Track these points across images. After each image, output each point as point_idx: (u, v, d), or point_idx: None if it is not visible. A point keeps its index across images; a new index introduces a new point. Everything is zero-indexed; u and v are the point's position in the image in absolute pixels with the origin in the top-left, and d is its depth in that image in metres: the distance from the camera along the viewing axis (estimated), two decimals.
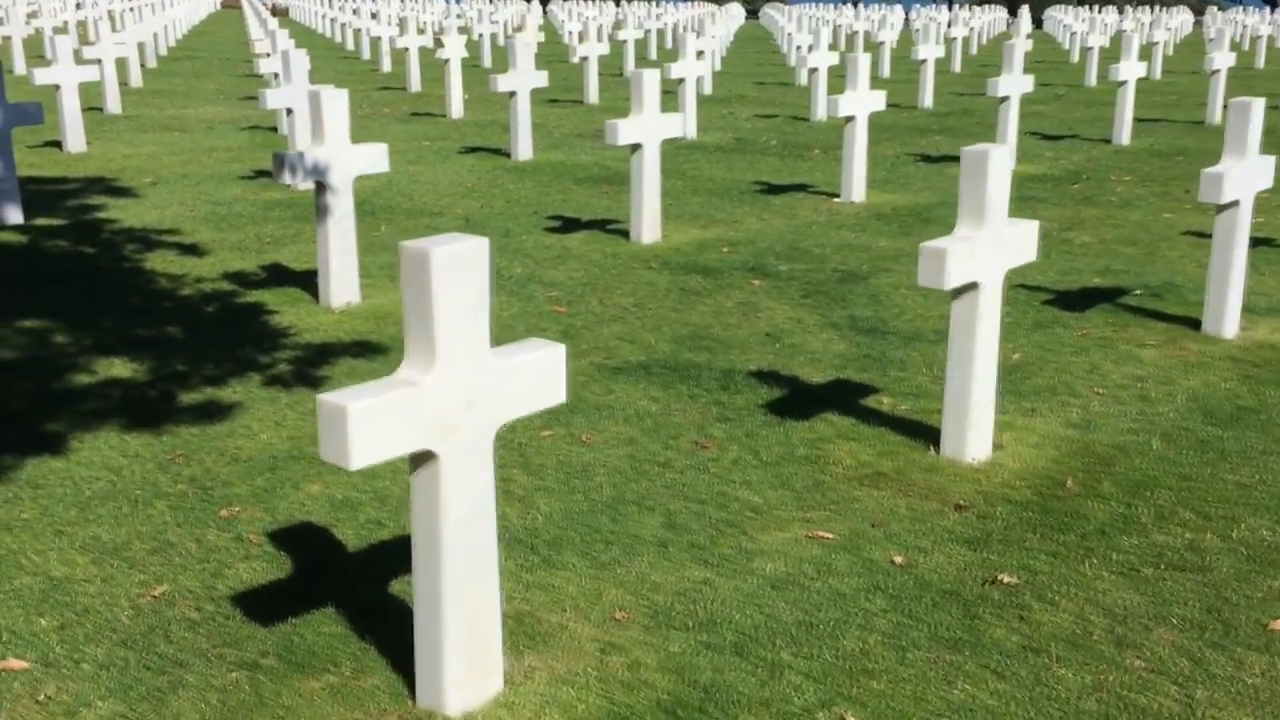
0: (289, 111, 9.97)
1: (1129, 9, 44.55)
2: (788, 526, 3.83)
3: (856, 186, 9.48)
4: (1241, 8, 51.28)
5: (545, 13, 51.84)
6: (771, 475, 4.22)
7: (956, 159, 11.87)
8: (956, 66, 24.53)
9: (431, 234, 8.31)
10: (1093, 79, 20.61)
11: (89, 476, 4.21)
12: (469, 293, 2.66)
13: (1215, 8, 55.60)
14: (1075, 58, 28.06)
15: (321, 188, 6.27)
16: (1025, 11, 27.11)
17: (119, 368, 5.38)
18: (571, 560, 3.58)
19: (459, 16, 37.29)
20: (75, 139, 12.40)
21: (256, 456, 4.41)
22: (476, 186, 10.37)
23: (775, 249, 7.85)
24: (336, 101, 6.19)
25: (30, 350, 5.62)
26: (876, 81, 20.52)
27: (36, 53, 25.78)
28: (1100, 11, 39.30)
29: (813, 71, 15.00)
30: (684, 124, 7.95)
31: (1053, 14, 44.31)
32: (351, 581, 3.47)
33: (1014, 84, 10.79)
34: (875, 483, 4.14)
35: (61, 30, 27.73)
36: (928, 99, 16.94)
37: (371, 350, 5.64)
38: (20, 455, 4.37)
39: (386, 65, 23.61)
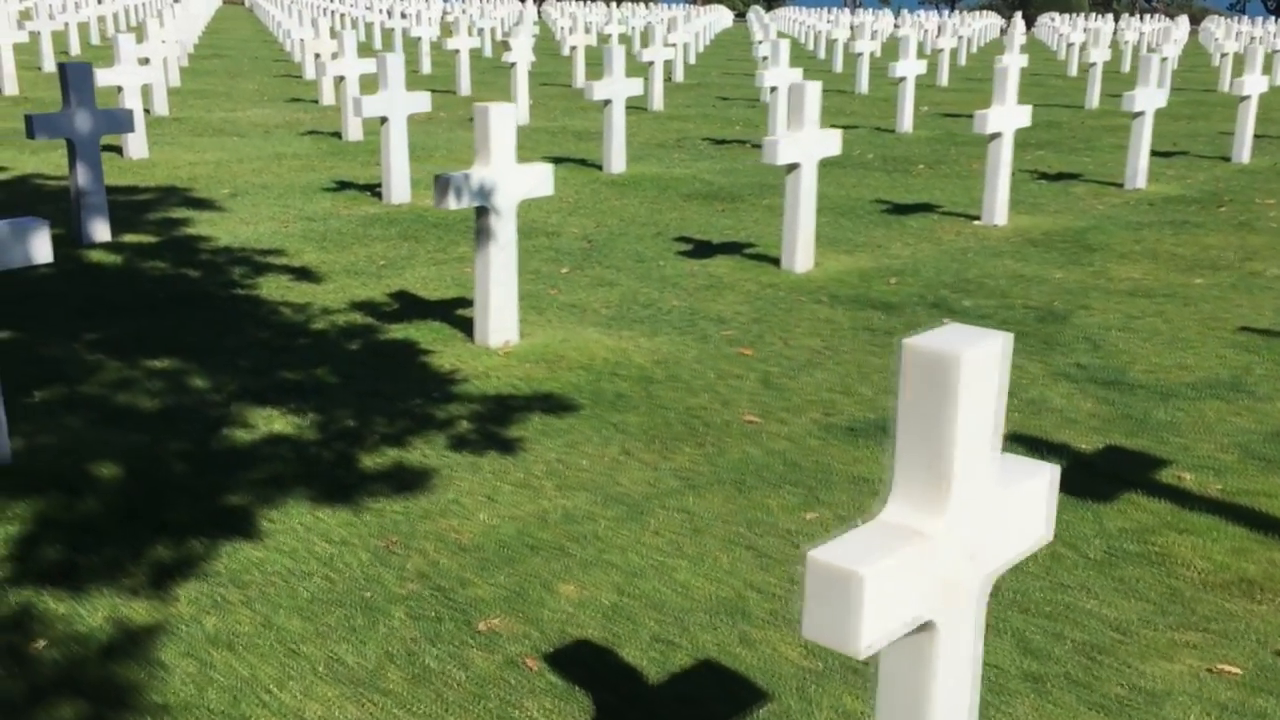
0: (384, 120, 9.27)
1: (1125, 16, 43.85)
2: (1172, 654, 3.15)
3: (1000, 208, 8.81)
4: (1243, 17, 50.63)
5: (540, 14, 51.08)
6: (1111, 580, 3.54)
7: (1073, 175, 11.23)
8: None
9: (555, 256, 7.64)
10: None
11: (299, 570, 3.53)
12: (989, 409, 1.97)
13: (1219, 15, 54.83)
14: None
15: (483, 212, 5.59)
16: (1182, 21, 26.32)
17: (278, 421, 4.70)
18: None
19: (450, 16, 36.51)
20: (138, 145, 11.72)
21: (483, 544, 3.73)
22: (579, 202, 9.69)
23: (943, 280, 7.17)
24: (504, 117, 5.52)
25: (171, 397, 4.93)
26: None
27: (61, 48, 25.09)
28: (1099, 19, 38.72)
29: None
30: (837, 140, 7.28)
31: (1045, 20, 43.61)
32: None
33: (1150, 98, 10.12)
34: (1248, 593, 3.46)
35: (119, 25, 27.04)
36: None
37: (558, 405, 4.96)
38: (208, 538, 3.69)
39: (426, 67, 22.93)
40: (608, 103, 10.91)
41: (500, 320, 5.73)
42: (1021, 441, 4.64)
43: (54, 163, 11.09)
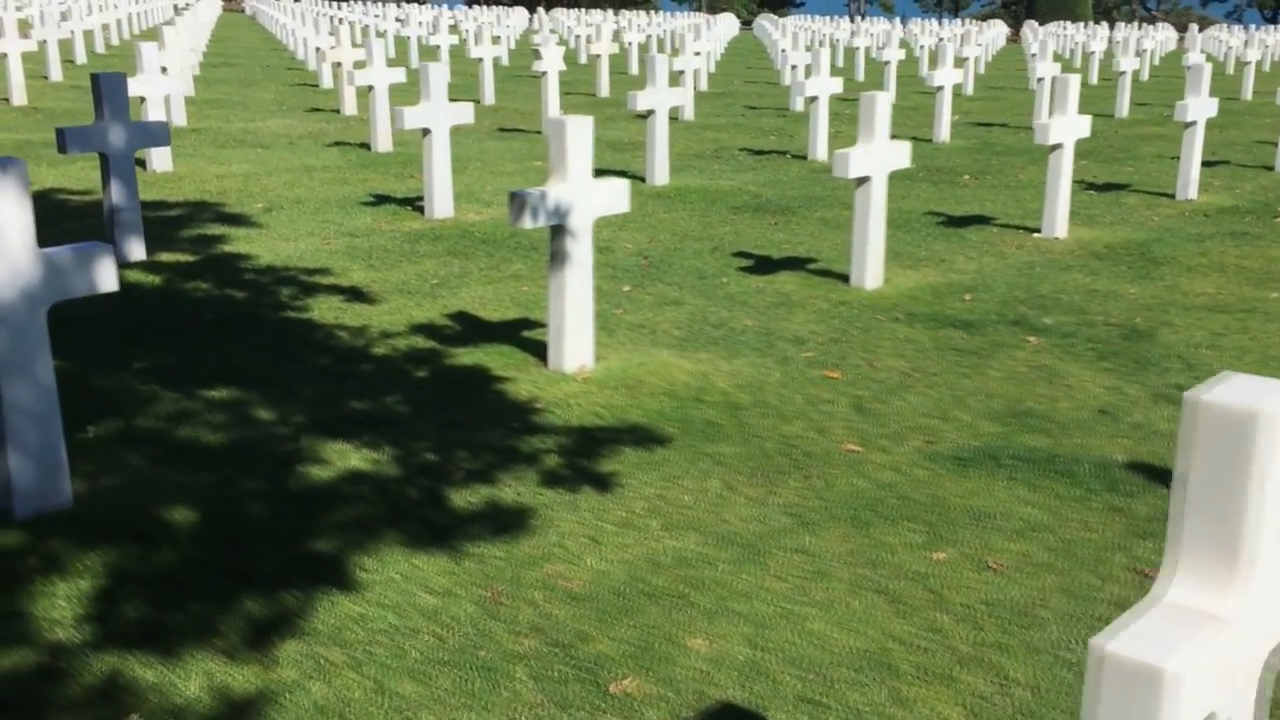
0: (425, 132, 9.01)
1: (1118, 25, 43.59)
2: None
3: (1060, 221, 8.53)
4: (1227, 26, 50.33)
5: (532, 20, 50.90)
6: None
7: (1121, 186, 10.95)
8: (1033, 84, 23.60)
9: (614, 273, 7.36)
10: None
11: (404, 627, 3.25)
12: None
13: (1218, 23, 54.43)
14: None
15: (559, 231, 5.32)
16: (1195, 30, 26.14)
17: (354, 456, 4.42)
18: None
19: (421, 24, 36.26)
20: (162, 157, 11.46)
21: (596, 592, 3.45)
22: (628, 216, 9.41)
23: (1017, 296, 6.90)
24: (581, 131, 5.25)
25: (235, 431, 4.65)
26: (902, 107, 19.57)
27: (67, 56, 24.87)
28: (1087, 28, 38.50)
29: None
30: (907, 153, 7.01)
31: (1055, 28, 43.28)
32: None
33: (1202, 108, 9.84)
34: None
35: (122, 34, 26.83)
36: (1042, 119, 15.96)
37: (648, 435, 4.68)
38: (300, 591, 3.41)
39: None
40: (650, 113, 10.64)
41: (576, 344, 5.45)
42: (1140, 470, 4.36)
43: (74, 176, 10.83)
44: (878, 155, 6.80)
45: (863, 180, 6.85)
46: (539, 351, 5.72)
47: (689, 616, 3.33)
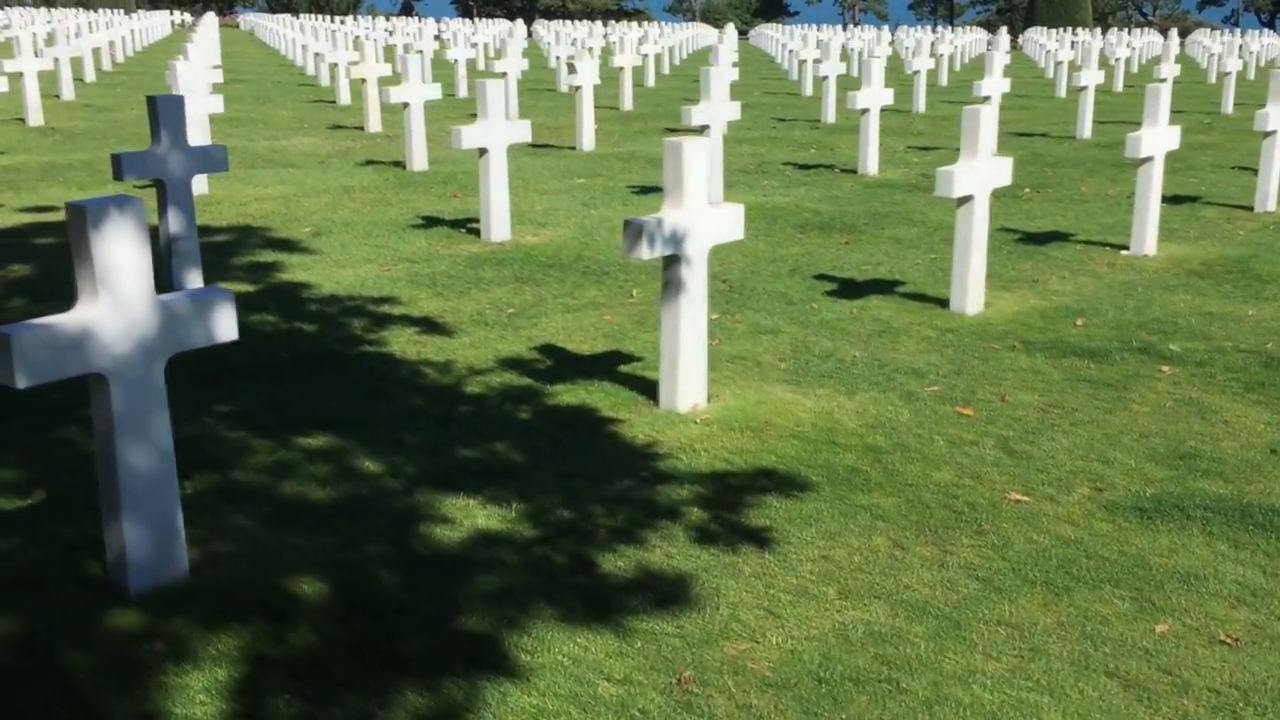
0: (482, 152, 8.65)
1: (1098, 31, 43.38)
2: None
3: (1150, 237, 8.18)
4: (1222, 30, 50.11)
5: (530, 34, 50.69)
6: None
7: (1191, 198, 10.60)
8: (1062, 92, 23.31)
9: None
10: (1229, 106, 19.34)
11: None
12: None
13: (1175, 30, 53.97)
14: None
15: (673, 261, 4.96)
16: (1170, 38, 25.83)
17: (479, 513, 4.05)
18: None
19: (437, 38, 36.07)
20: (197, 180, 11.06)
21: (791, 676, 3.08)
22: None
23: (1129, 320, 6.54)
24: (698, 154, 4.88)
25: (343, 484, 4.28)
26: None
27: (76, 75, 24.51)
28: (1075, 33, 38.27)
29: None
30: (1009, 169, 6.64)
31: (1032, 35, 42.96)
32: None
33: None
34: None
35: (127, 51, 26.47)
36: (1086, 129, 15.65)
37: (790, 484, 4.31)
38: (462, 679, 3.03)
39: (463, 90, 22.35)
40: (705, 128, 10.28)
41: (690, 382, 5.08)
42: None
43: None
44: (981, 172, 6.44)
45: (964, 199, 6.49)
46: (643, 388, 5.36)
47: (906, 707, 2.96)
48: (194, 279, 7.12)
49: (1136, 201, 8.13)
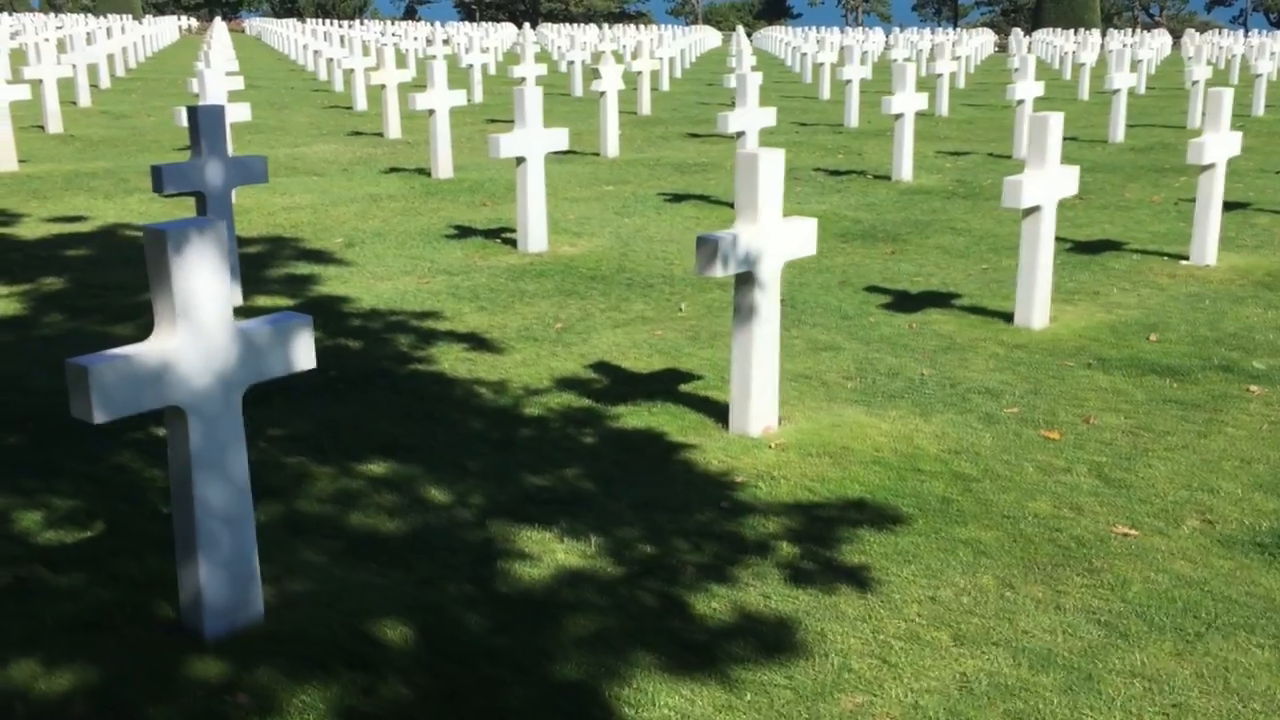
0: (519, 160, 8.44)
1: (1113, 31, 43.14)
2: None
3: (1211, 246, 7.97)
4: (1225, 30, 49.83)
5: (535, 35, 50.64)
6: None
7: (1240, 205, 10.38)
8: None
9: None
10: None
11: None
12: None
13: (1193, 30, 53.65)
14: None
15: (746, 279, 4.75)
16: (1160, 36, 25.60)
17: (558, 548, 3.85)
18: None
19: (445, 43, 35.95)
20: None
21: None
22: None
23: (1205, 335, 6.34)
24: (774, 166, 4.68)
25: (412, 516, 4.08)
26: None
27: (91, 81, 24.34)
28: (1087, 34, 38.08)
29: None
30: (1075, 178, 6.43)
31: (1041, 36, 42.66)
32: None
33: None
34: None
35: (138, 58, 26.32)
36: (1119, 133, 15.44)
37: (881, 516, 4.11)
38: None
39: (479, 95, 22.16)
40: (740, 134, 10.08)
41: (761, 404, 4.88)
42: None
43: (134, 210, 10.28)
44: (1049, 182, 6.24)
45: (1030, 210, 6.28)
46: (709, 409, 5.16)
47: None
48: (234, 294, 6.90)
49: (1197, 210, 7.92)
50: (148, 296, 7.04)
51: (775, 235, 4.75)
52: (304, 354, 3.29)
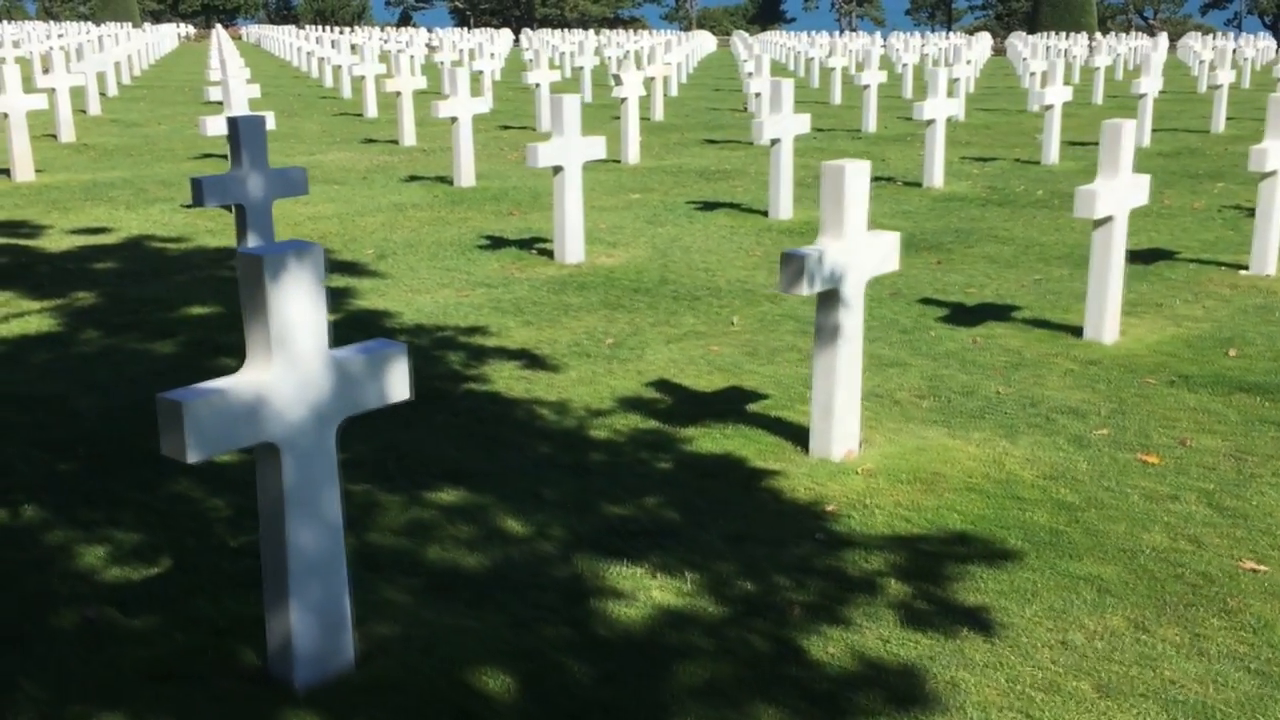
0: (557, 170, 8.22)
1: (1099, 37, 43.00)
2: None
3: (1271, 256, 7.76)
4: (1230, 33, 49.67)
5: (516, 41, 50.65)
6: None
7: None
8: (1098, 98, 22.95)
9: (801, 327, 6.54)
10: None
11: None
12: None
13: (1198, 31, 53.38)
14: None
15: (829, 297, 4.53)
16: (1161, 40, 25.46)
17: (653, 586, 3.64)
18: None
19: (433, 48, 35.86)
20: None
21: None
22: (769, 256, 8.66)
23: None
24: (861, 178, 4.46)
25: (493, 549, 3.86)
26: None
27: (100, 89, 24.11)
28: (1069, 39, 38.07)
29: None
30: (1146, 188, 6.22)
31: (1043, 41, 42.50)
32: None
33: None
34: None
35: (143, 63, 26.10)
36: (1145, 138, 15.24)
37: (988, 551, 3.89)
38: None
39: (489, 103, 21.88)
40: (775, 141, 9.87)
41: (844, 427, 4.66)
42: None
43: (157, 220, 10.06)
44: (1122, 192, 6.03)
45: (1101, 221, 6.07)
46: (782, 431, 4.95)
47: None
48: None
49: (1258, 218, 7.72)
50: (185, 311, 6.86)
51: (861, 251, 4.53)
52: (399, 384, 3.07)
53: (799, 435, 4.86)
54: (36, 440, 4.75)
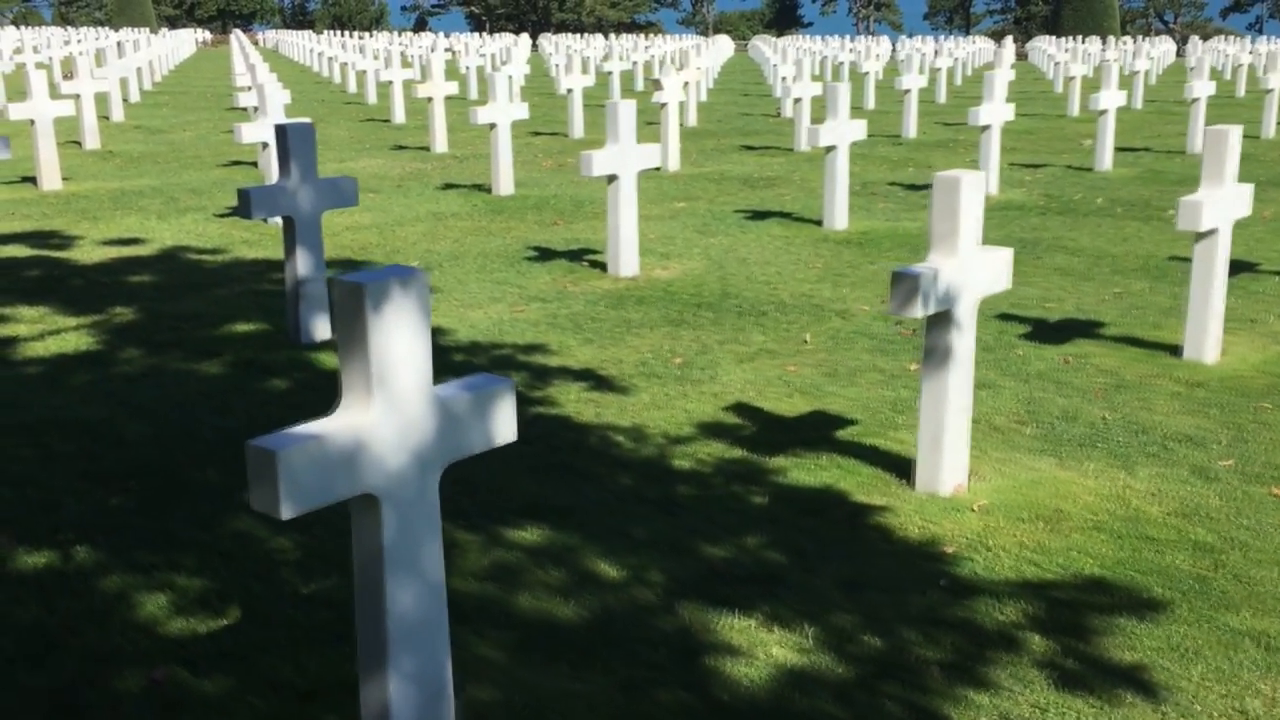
0: (611, 179, 7.89)
1: (1111, 40, 42.50)
2: None
3: None
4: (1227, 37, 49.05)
5: (534, 46, 50.40)
6: None
7: None
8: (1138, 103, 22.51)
9: (876, 345, 6.17)
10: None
11: None
12: None
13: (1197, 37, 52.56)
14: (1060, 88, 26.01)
15: (941, 318, 4.18)
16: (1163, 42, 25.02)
17: (770, 641, 3.31)
18: None
19: (449, 52, 35.66)
20: None
21: None
22: (828, 268, 8.31)
23: None
24: (976, 191, 4.11)
25: (588, 596, 3.53)
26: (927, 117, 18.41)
27: (122, 95, 23.87)
28: (1084, 42, 37.62)
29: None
30: (1249, 197, 5.86)
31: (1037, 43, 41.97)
32: None
33: None
34: None
35: (162, 69, 25.88)
36: (1196, 144, 14.84)
37: (1130, 600, 3.54)
38: None
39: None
40: (831, 149, 9.53)
41: (954, 459, 4.32)
42: None
43: (190, 230, 9.76)
44: (1227, 203, 5.67)
45: (1204, 234, 5.71)
46: (881, 461, 4.62)
47: None
48: (322, 326, 6.38)
49: None
50: (227, 328, 6.55)
51: (974, 268, 4.18)
52: (506, 425, 2.74)
53: (898, 466, 4.53)
54: (84, 472, 4.43)
